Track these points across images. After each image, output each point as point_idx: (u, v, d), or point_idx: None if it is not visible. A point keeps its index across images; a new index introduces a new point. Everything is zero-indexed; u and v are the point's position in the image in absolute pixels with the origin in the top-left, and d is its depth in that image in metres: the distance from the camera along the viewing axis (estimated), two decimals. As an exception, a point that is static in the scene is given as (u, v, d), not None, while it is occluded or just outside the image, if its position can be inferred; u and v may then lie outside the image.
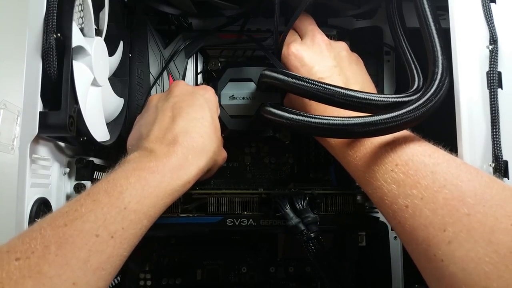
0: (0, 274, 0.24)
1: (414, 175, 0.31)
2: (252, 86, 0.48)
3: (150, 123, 0.40)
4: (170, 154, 0.36)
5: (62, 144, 0.39)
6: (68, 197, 0.40)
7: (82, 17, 0.40)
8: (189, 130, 0.38)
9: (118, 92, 0.48)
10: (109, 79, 0.46)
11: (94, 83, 0.42)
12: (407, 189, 0.31)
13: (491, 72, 0.37)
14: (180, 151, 0.36)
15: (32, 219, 0.33)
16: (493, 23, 0.37)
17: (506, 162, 0.36)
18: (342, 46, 0.44)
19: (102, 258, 0.28)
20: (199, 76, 0.53)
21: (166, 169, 0.35)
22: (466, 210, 0.28)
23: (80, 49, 0.39)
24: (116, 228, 0.30)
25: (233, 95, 0.48)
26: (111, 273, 0.30)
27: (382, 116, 0.33)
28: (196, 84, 0.53)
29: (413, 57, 0.43)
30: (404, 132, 0.35)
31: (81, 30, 0.40)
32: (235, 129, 0.48)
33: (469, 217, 0.28)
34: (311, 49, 0.43)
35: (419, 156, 0.32)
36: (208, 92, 0.44)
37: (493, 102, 0.36)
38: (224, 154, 0.45)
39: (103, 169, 0.43)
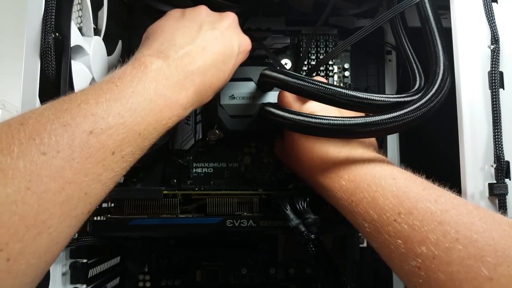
0: (29, 166, 0.23)
1: (420, 227, 0.28)
2: (252, 86, 0.48)
3: (186, 38, 0.37)
4: (183, 89, 0.34)
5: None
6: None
7: (80, 16, 0.40)
8: (207, 74, 0.36)
9: (117, 92, 0.48)
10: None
11: (93, 83, 0.41)
12: (415, 246, 0.28)
13: (493, 72, 0.36)
14: (190, 91, 0.35)
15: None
16: (494, 22, 0.37)
17: (508, 163, 0.35)
18: None
19: (110, 175, 0.28)
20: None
21: (177, 107, 0.33)
22: (487, 272, 0.24)
23: (78, 48, 0.38)
24: (128, 151, 0.29)
25: (233, 95, 0.48)
26: (111, 189, 0.30)
27: (383, 116, 0.33)
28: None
29: (415, 57, 0.42)
30: (406, 174, 0.33)
31: (80, 29, 0.40)
32: (235, 129, 0.48)
33: (491, 283, 0.24)
34: None
35: (424, 202, 0.29)
36: (245, 50, 0.42)
37: (494, 103, 0.36)
38: None
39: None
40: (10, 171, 0.23)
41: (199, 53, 0.36)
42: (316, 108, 0.39)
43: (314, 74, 0.50)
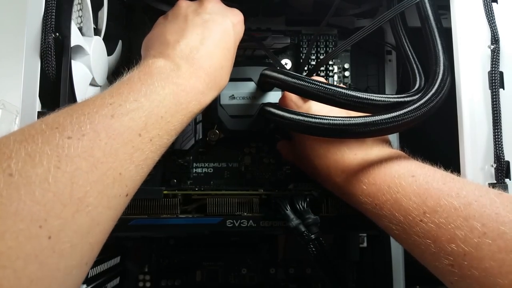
0: (55, 149, 0.23)
1: (446, 224, 0.27)
2: (252, 86, 0.48)
3: (177, 33, 0.38)
4: (193, 76, 0.35)
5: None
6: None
7: (80, 16, 0.40)
8: (213, 58, 0.37)
9: (117, 92, 0.48)
10: (108, 79, 0.46)
11: (93, 83, 0.41)
12: (445, 245, 0.27)
13: (493, 72, 0.36)
14: (203, 77, 0.35)
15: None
16: (494, 22, 0.37)
17: (508, 163, 0.35)
18: None
19: (142, 157, 0.28)
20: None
21: (194, 91, 0.34)
22: None
23: (78, 48, 0.38)
24: (155, 133, 0.30)
25: (233, 95, 0.48)
26: (146, 173, 0.30)
27: (383, 116, 0.33)
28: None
29: (415, 57, 0.42)
30: (425, 169, 0.32)
31: (80, 29, 0.40)
32: (235, 129, 0.48)
33: None
34: None
35: (446, 198, 0.29)
36: (239, 21, 0.42)
37: (494, 103, 0.36)
38: None
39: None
40: (37, 155, 0.23)
41: (197, 40, 0.37)
42: (323, 110, 0.39)
43: (314, 74, 0.50)
